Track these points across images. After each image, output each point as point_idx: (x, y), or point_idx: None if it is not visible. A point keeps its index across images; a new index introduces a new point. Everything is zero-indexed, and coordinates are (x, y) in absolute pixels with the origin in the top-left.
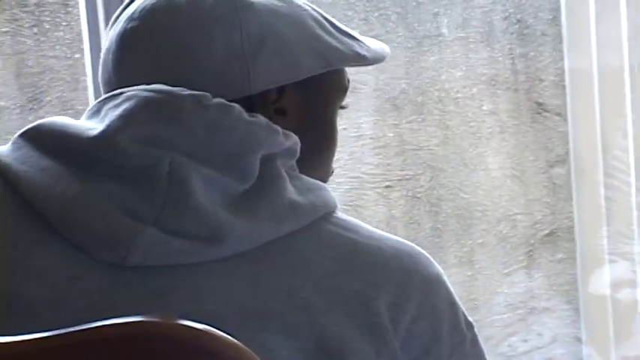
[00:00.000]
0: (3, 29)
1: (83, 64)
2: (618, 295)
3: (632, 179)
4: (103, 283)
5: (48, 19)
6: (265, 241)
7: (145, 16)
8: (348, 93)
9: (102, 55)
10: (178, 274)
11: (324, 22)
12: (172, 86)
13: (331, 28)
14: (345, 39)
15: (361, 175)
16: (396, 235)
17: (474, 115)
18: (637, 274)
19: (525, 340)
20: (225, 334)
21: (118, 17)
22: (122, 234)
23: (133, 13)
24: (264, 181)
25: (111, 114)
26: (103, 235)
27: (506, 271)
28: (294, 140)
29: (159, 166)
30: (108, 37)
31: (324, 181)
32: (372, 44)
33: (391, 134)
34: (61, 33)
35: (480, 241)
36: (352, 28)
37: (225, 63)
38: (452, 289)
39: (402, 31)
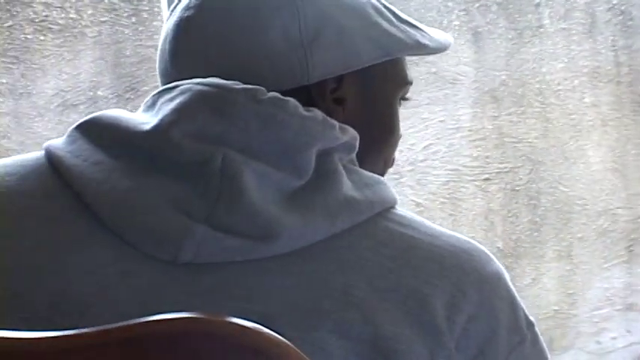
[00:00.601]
0: (101, 19)
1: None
2: None
3: None
4: (154, 280)
5: (146, 8)
6: (320, 239)
7: (200, 5)
8: (447, 85)
9: (159, 45)
10: (230, 272)
11: (385, 10)
12: (228, 77)
13: (392, 17)
14: (406, 27)
15: (459, 168)
16: (494, 228)
17: (574, 107)
18: None
19: (624, 336)
20: (272, 332)
21: (175, 7)
22: (173, 230)
23: (189, 1)
24: (320, 177)
25: (165, 108)
26: (154, 232)
27: (605, 265)
28: (351, 134)
29: (211, 162)
30: (165, 26)
31: (384, 172)
32: (435, 34)
33: (490, 126)
34: (159, 22)
35: (580, 235)
36: (452, 20)
37: (283, 52)
38: (512, 287)
39: (503, 22)
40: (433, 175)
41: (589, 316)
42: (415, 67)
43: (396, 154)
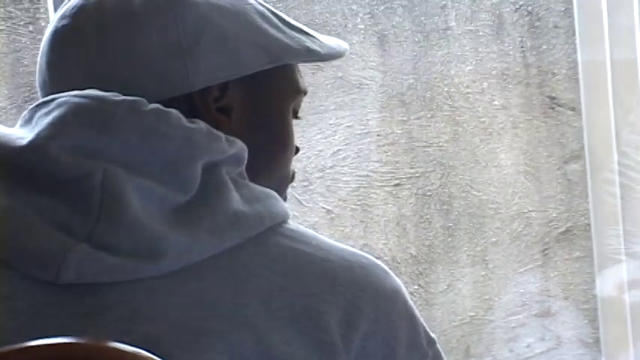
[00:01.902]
0: None
1: None
2: (636, 297)
3: None
4: (34, 302)
5: (44, 16)
6: (207, 256)
7: (75, 14)
8: (354, 89)
9: (38, 57)
10: (114, 293)
11: (271, 15)
12: (108, 88)
13: (278, 22)
14: (295, 34)
15: (369, 174)
16: (406, 235)
17: (484, 110)
18: None
19: (542, 340)
20: (152, 357)
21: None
22: (53, 250)
23: (65, 11)
24: (207, 191)
25: (41, 122)
26: (33, 251)
27: (521, 270)
28: (239, 146)
29: (91, 178)
30: (44, 38)
31: (282, 188)
32: (326, 40)
33: (399, 131)
34: None
35: (494, 239)
36: (357, 23)
37: (162, 59)
38: (411, 303)
39: (409, 25)
40: (343, 182)
41: (505, 322)
42: (321, 72)
43: (305, 161)
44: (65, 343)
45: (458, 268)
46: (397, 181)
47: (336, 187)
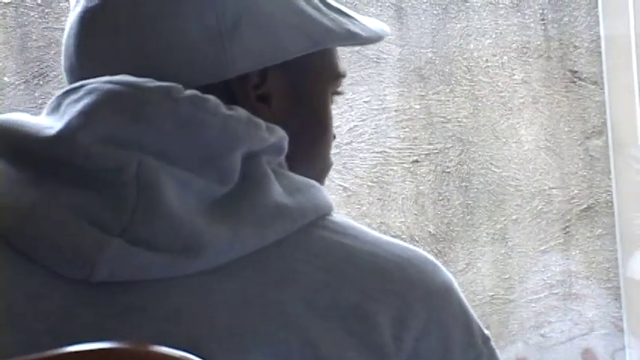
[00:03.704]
0: (5, 1)
1: None
2: None
3: None
4: (66, 303)
5: None
6: (249, 252)
7: None
8: (371, 63)
9: (64, 39)
10: (151, 291)
11: None
12: (140, 73)
13: (319, 3)
14: (336, 16)
15: (387, 150)
16: (425, 212)
17: (504, 84)
18: None
19: (564, 319)
20: None
21: None
22: (86, 247)
23: None
24: (247, 183)
25: (70, 110)
26: (64, 249)
27: (541, 248)
28: (279, 135)
29: (125, 170)
30: (69, 18)
31: (322, 177)
32: (368, 22)
33: (417, 106)
34: (66, 3)
35: (514, 217)
36: None
37: (199, 43)
38: (464, 298)
39: None
40: (360, 159)
41: (526, 301)
42: None
43: None
44: (104, 349)
45: (477, 247)
46: (415, 158)
47: (352, 164)
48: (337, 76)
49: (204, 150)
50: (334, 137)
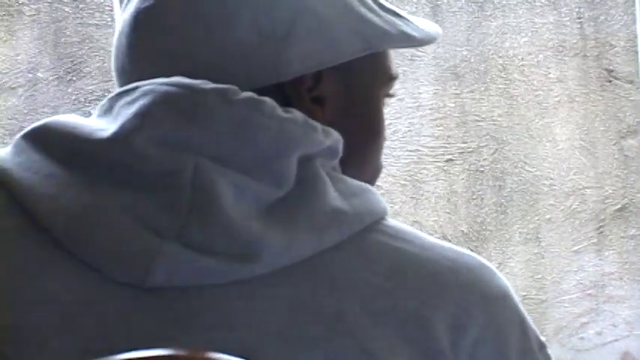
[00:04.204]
0: None
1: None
2: None
3: None
4: (120, 308)
5: None
6: (305, 256)
7: None
8: (406, 61)
9: (114, 40)
10: (206, 296)
11: None
12: (194, 75)
13: (374, 5)
14: (390, 17)
15: (420, 149)
16: (457, 211)
17: (539, 83)
18: None
19: (596, 320)
20: None
21: None
22: (140, 251)
23: None
24: (303, 186)
25: (125, 112)
26: (118, 253)
27: (575, 248)
28: (335, 137)
29: (181, 172)
30: (120, 19)
31: (373, 181)
32: (421, 23)
33: (452, 104)
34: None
35: (547, 216)
36: None
37: (254, 45)
38: (520, 304)
39: None
40: (393, 157)
41: (558, 302)
42: None
43: None
44: (162, 356)
45: (510, 246)
46: (449, 157)
47: (386, 163)
48: (390, 78)
49: (260, 153)
50: (385, 139)
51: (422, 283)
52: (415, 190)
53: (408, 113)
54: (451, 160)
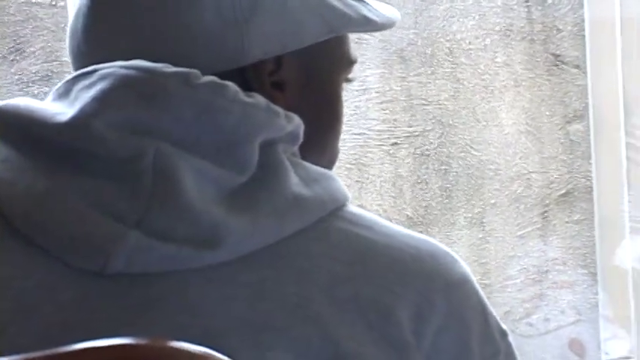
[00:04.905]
0: None
1: (68, 12)
2: (638, 263)
3: None
4: (79, 295)
5: None
6: (268, 243)
7: None
8: (352, 44)
9: (70, 22)
10: (168, 283)
11: None
12: (155, 58)
13: None
14: (351, 1)
15: (366, 132)
16: (403, 195)
17: (486, 67)
18: None
19: (539, 305)
20: (224, 358)
21: None
22: (100, 237)
23: None
24: (265, 172)
25: (83, 96)
26: (77, 239)
27: (519, 233)
28: (296, 123)
29: (142, 157)
30: (77, 0)
31: (330, 166)
32: (381, 8)
33: (398, 88)
34: None
35: (492, 201)
36: None
37: (216, 29)
38: (481, 292)
39: None
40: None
41: (502, 286)
42: None
43: None
44: (121, 345)
45: (454, 231)
46: (395, 140)
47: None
48: (350, 62)
49: (223, 138)
50: (342, 124)
51: (384, 271)
52: (360, 173)
53: (354, 96)
54: (397, 143)
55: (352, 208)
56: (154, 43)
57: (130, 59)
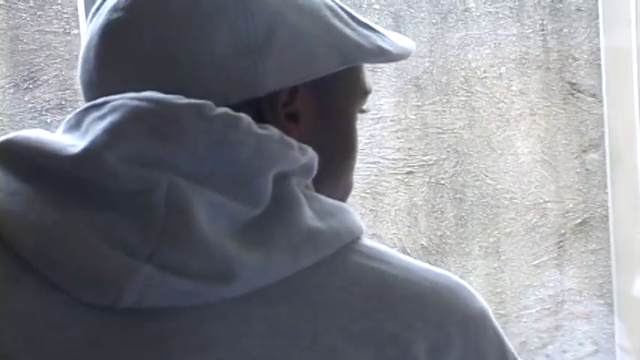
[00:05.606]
0: None
1: (82, 40)
2: None
3: None
4: (91, 331)
5: None
6: (282, 277)
7: (131, 5)
8: (368, 72)
9: (81, 52)
10: (181, 318)
11: (341, 12)
12: (167, 91)
13: (349, 19)
14: (365, 31)
15: (381, 160)
16: (418, 224)
17: (502, 95)
18: None
19: (555, 335)
20: None
21: (99, 7)
22: (111, 271)
23: (118, 2)
24: (278, 205)
25: (94, 128)
26: (88, 273)
27: (535, 262)
28: (310, 155)
29: (154, 191)
30: (88, 30)
31: (345, 198)
32: (395, 38)
33: (413, 116)
34: (59, 7)
35: (508, 230)
36: (372, 3)
37: (229, 59)
38: (498, 325)
39: (426, 6)
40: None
41: (518, 316)
42: None
43: None
44: None
45: (470, 260)
46: (409, 169)
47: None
48: (365, 93)
49: (237, 170)
50: (357, 155)
51: (401, 305)
52: (375, 202)
53: (369, 125)
54: (412, 172)
55: (367, 241)
56: (165, 72)
57: (142, 89)
